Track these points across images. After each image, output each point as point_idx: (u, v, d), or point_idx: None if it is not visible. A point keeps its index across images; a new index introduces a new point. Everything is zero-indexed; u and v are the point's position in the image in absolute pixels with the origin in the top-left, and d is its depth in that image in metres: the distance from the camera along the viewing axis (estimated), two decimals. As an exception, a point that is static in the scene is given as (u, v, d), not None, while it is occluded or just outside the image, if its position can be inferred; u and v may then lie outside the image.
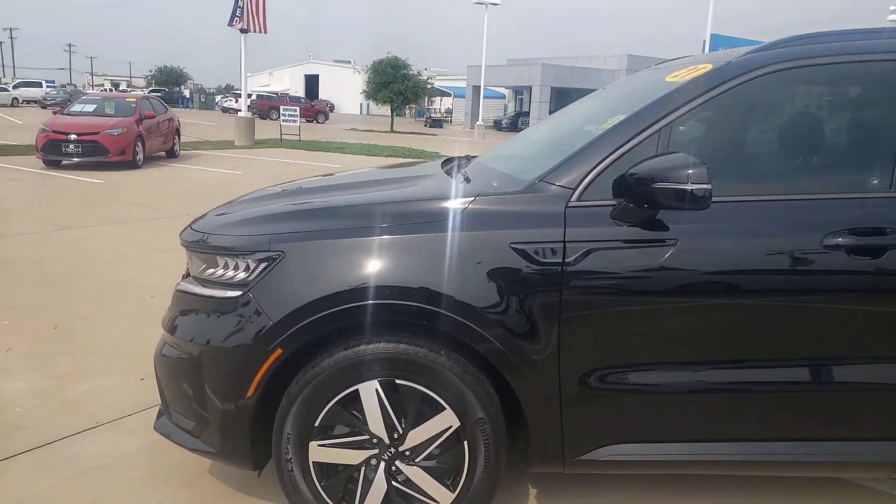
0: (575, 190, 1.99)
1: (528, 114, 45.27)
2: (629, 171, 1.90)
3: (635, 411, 2.04)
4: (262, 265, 2.02)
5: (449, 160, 3.08)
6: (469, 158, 3.08)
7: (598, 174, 1.99)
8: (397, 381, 1.99)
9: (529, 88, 46.36)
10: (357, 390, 1.99)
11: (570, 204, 1.98)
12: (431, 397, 1.99)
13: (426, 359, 1.96)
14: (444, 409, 1.99)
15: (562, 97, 48.48)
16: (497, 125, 46.46)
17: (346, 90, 70.03)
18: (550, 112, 43.79)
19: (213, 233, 2.20)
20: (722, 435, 2.07)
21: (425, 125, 45.33)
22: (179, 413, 2.24)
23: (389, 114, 38.27)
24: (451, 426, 2.01)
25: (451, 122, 57.07)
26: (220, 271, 2.11)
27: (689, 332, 1.99)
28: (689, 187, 1.77)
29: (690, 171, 1.77)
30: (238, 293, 2.03)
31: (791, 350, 2.00)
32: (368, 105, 59.17)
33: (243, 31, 19.56)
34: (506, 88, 55.99)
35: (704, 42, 47.00)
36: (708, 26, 30.97)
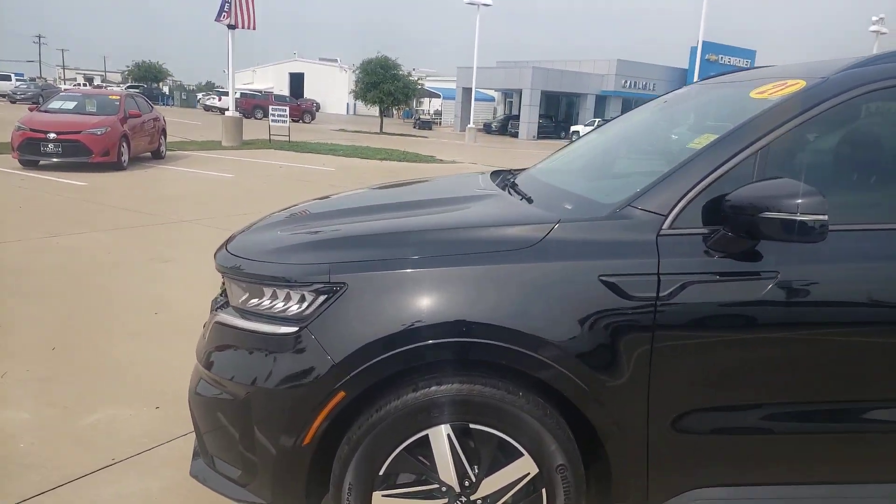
0: (667, 217, 1.85)
1: (517, 117, 45.33)
2: (729, 197, 1.77)
3: (728, 454, 1.91)
4: (322, 297, 1.85)
5: (496, 173, 2.94)
6: (514, 172, 2.94)
7: (692, 199, 1.85)
8: (471, 426, 1.83)
9: (519, 91, 46.42)
10: (427, 435, 1.84)
11: (662, 232, 1.84)
12: (508, 442, 1.84)
13: (503, 401, 1.81)
14: (522, 454, 1.85)
15: (551, 101, 48.70)
16: (487, 128, 46.48)
17: (332, 89, 69.75)
18: (540, 116, 43.92)
19: (259, 259, 2.03)
20: (818, 478, 1.94)
21: (414, 127, 45.21)
22: (221, 458, 2.07)
23: (377, 114, 38.12)
24: (528, 473, 1.86)
25: (440, 123, 57.00)
26: (268, 302, 1.94)
27: (790, 372, 1.86)
28: (801, 218, 1.63)
29: (801, 201, 1.64)
30: (293, 329, 1.86)
31: (883, 389, 1.88)
32: (355, 105, 58.97)
33: (231, 27, 19.27)
34: (495, 91, 56.05)
35: (695, 49, 47.52)
36: (700, 33, 31.23)
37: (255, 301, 1.97)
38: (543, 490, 1.87)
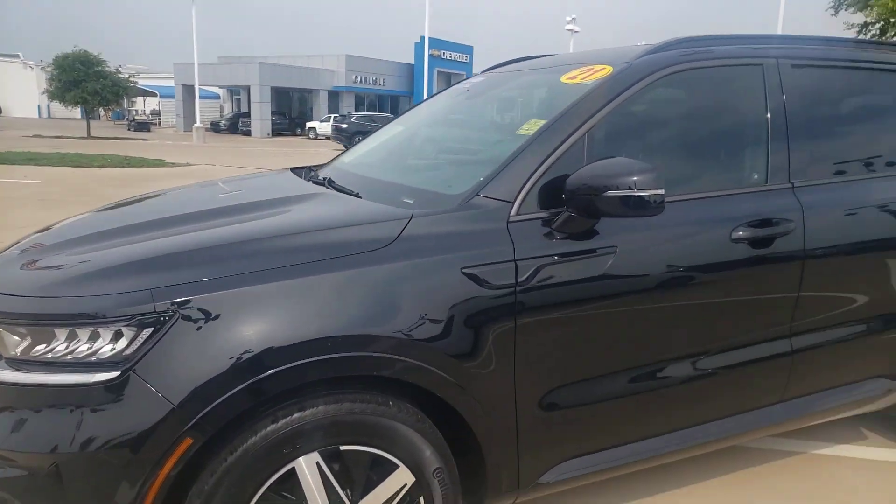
0: (514, 203, 1.88)
1: (248, 114, 43.60)
2: (570, 180, 1.85)
3: (587, 423, 2.03)
4: (146, 331, 1.53)
5: (296, 170, 2.74)
6: (315, 168, 2.78)
7: (534, 184, 1.91)
8: (341, 448, 1.68)
9: (247, 88, 44.63)
10: (293, 468, 1.64)
11: (511, 219, 1.87)
12: (382, 457, 1.72)
13: (375, 414, 1.69)
14: (397, 466, 1.74)
15: (283, 97, 47.76)
16: (215, 127, 43.93)
17: (15, 90, 59.93)
18: (273, 112, 42.83)
19: (45, 294, 1.62)
20: (660, 430, 2.16)
21: (129, 129, 40.85)
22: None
23: (79, 117, 33.70)
24: (405, 484, 1.76)
25: (159, 124, 52.40)
26: (63, 347, 1.55)
27: (637, 337, 2.03)
28: (639, 194, 1.78)
29: (638, 178, 1.78)
30: (112, 374, 1.51)
31: (716, 338, 2.17)
32: (49, 107, 51.51)
33: None
34: (219, 88, 53.20)
35: (420, 44, 50.31)
36: (426, 28, 33.12)
37: (41, 348, 1.57)
38: (421, 498, 1.79)
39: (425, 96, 42.09)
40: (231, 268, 1.64)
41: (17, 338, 1.59)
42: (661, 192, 1.79)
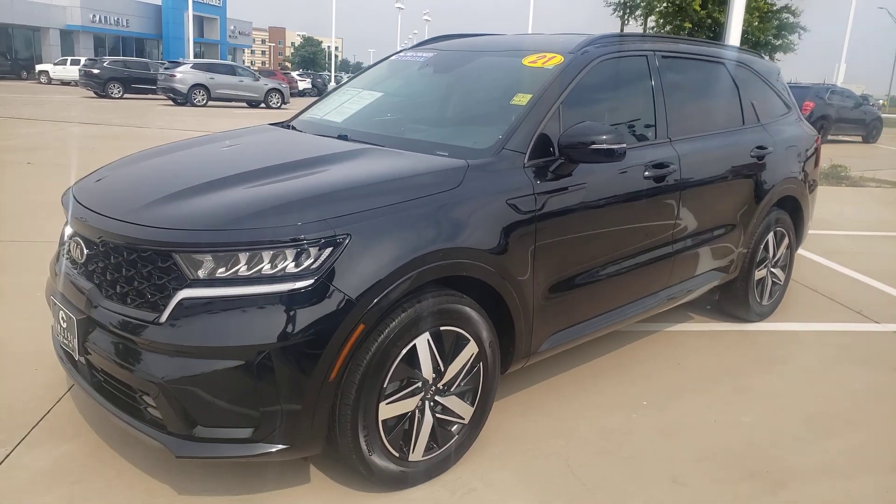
0: (526, 153, 2.76)
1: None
2: (563, 137, 2.78)
3: (571, 303, 3.00)
4: (327, 249, 2.16)
5: (283, 125, 3.38)
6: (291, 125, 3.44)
7: (535, 139, 2.79)
8: (441, 329, 2.46)
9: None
10: (415, 345, 2.38)
11: (526, 164, 2.75)
12: (461, 334, 2.53)
13: (458, 303, 2.49)
14: (469, 340, 2.56)
15: (2, 35, 41.33)
16: None
17: None
18: None
19: (247, 226, 2.15)
20: (616, 304, 3.24)
21: None
22: (219, 426, 2.15)
23: None
24: (473, 353, 2.59)
25: None
26: (269, 266, 2.12)
27: (600, 240, 3.05)
28: (612, 146, 2.76)
29: (607, 136, 2.76)
30: (309, 282, 2.12)
31: (654, 238, 3.31)
32: None
33: None
34: None
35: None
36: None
37: (251, 265, 2.12)
38: (481, 363, 2.63)
39: (189, 39, 39.26)
40: (367, 203, 2.31)
41: (217, 261, 2.11)
42: (624, 145, 2.79)
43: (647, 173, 3.23)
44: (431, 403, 2.49)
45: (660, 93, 3.45)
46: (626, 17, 14.19)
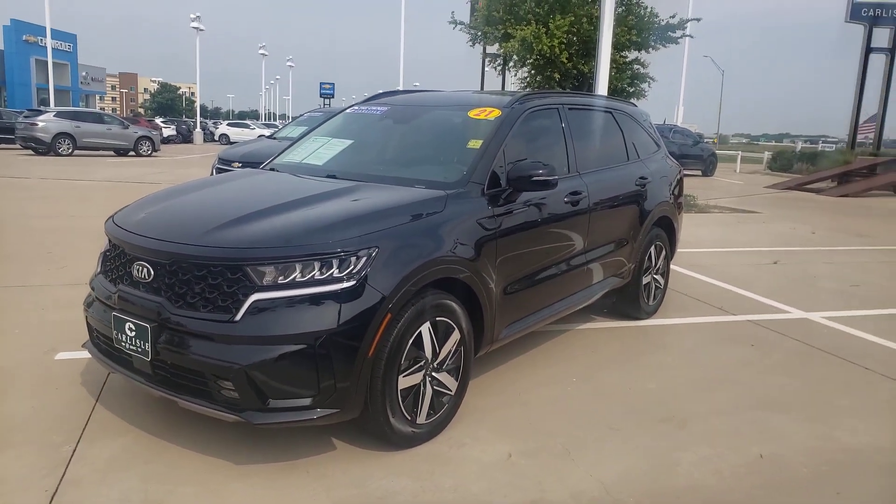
0: (485, 184, 3.62)
1: None
2: (511, 171, 3.67)
3: (519, 300, 3.85)
4: (364, 259, 2.88)
5: (268, 171, 4.03)
6: (275, 167, 4.10)
7: (489, 173, 3.66)
8: (436, 319, 3.22)
9: None
10: (420, 331, 3.13)
11: (485, 192, 3.60)
12: (450, 324, 3.30)
13: (447, 299, 3.27)
14: (454, 329, 3.34)
15: None
16: None
17: None
18: None
19: (304, 242, 2.84)
20: (550, 301, 4.12)
21: None
22: (283, 398, 2.77)
23: None
24: (457, 339, 3.37)
25: None
26: (319, 272, 2.80)
27: (538, 252, 3.94)
28: (548, 178, 3.67)
29: (543, 170, 3.67)
30: (352, 282, 2.83)
31: (573, 250, 4.23)
32: None
33: None
34: None
35: (8, 28, 44.14)
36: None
37: (305, 273, 2.80)
38: (462, 347, 3.41)
39: (33, 85, 36.87)
40: (386, 223, 3.06)
41: (280, 270, 2.77)
42: (557, 177, 3.73)
43: (566, 199, 4.19)
44: (430, 378, 3.23)
45: (569, 136, 4.46)
46: (503, 69, 15.70)
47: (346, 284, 2.83)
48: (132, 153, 26.02)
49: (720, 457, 3.24)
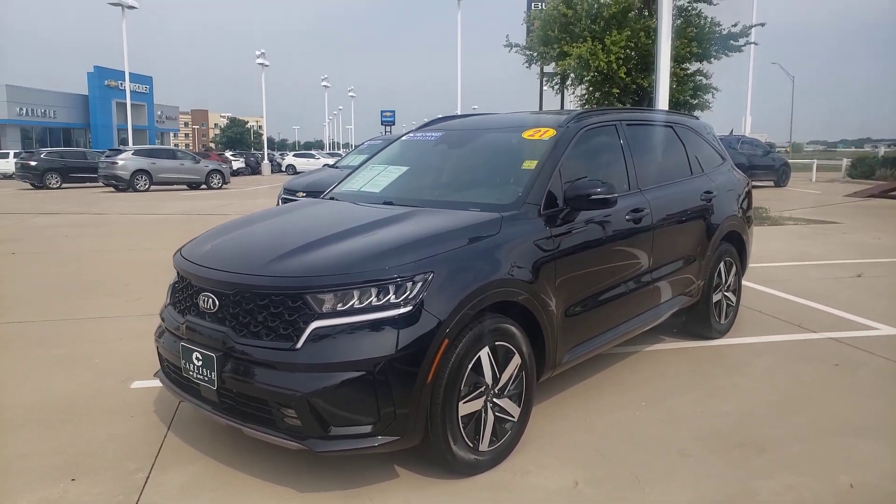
0: (541, 205, 3.57)
1: None
2: (568, 191, 3.62)
3: (582, 323, 3.77)
4: (419, 284, 2.88)
5: (331, 200, 4.10)
6: (335, 197, 4.17)
7: (545, 194, 3.62)
8: (496, 343, 3.18)
9: None
10: (479, 356, 3.09)
11: (542, 213, 3.56)
12: (509, 348, 3.25)
13: (506, 323, 3.23)
14: (514, 353, 3.28)
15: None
16: None
17: None
18: None
19: (362, 269, 2.87)
20: (614, 323, 4.02)
21: None
22: (345, 425, 2.78)
23: None
24: (518, 363, 3.31)
25: None
26: (376, 298, 2.82)
27: (600, 271, 3.85)
28: (607, 196, 3.60)
29: (602, 189, 3.60)
30: (409, 308, 2.83)
31: (637, 269, 4.13)
32: None
33: None
34: None
35: (92, 74, 46.82)
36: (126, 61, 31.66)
37: (362, 299, 2.81)
38: (524, 372, 3.35)
39: (114, 126, 39.11)
40: (440, 248, 3.06)
41: (338, 297, 2.79)
42: (616, 195, 3.65)
43: (627, 217, 4.09)
44: (491, 404, 3.18)
45: (628, 152, 4.37)
46: (560, 88, 15.64)
47: (402, 310, 2.83)
48: (204, 186, 27.10)
49: (804, 486, 3.05)
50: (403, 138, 4.84)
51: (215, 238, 3.58)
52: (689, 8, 13.58)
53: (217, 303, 3.03)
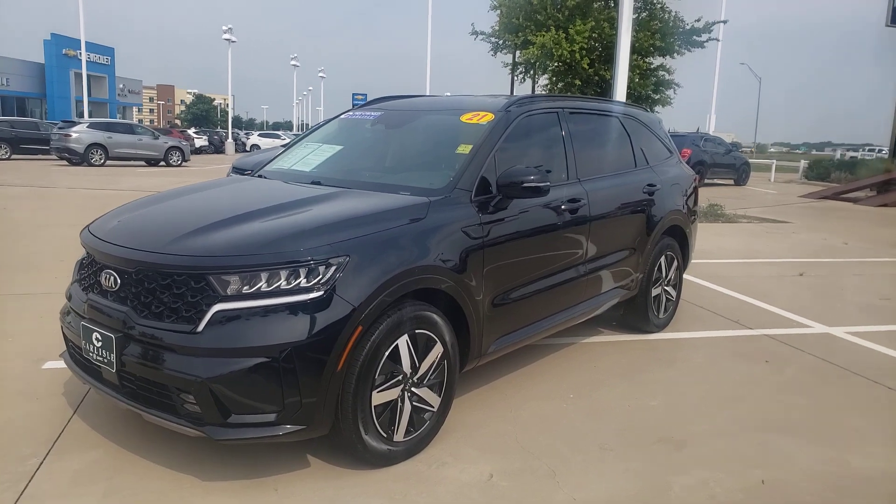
0: (472, 191, 3.48)
1: None
2: (500, 177, 3.53)
3: (508, 313, 3.70)
4: (333, 268, 2.77)
5: (262, 178, 3.93)
6: (263, 174, 4.02)
7: (478, 180, 3.53)
8: (416, 331, 3.09)
9: None
10: (397, 344, 3.00)
11: (473, 200, 3.47)
12: (431, 336, 3.17)
13: (428, 311, 3.14)
14: (437, 342, 3.20)
15: None
16: None
17: None
18: None
19: (270, 250, 2.73)
20: (545, 314, 3.96)
21: None
22: (247, 413, 2.66)
23: None
24: (440, 352, 3.23)
25: None
26: (286, 282, 2.69)
27: (532, 261, 3.78)
28: (539, 185, 3.52)
29: (535, 177, 3.53)
30: (320, 293, 2.71)
31: (571, 260, 4.06)
32: None
33: None
34: None
35: (49, 42, 45.51)
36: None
37: (271, 282, 2.69)
38: (445, 361, 3.27)
39: (72, 97, 37.94)
40: (360, 231, 2.94)
41: (244, 279, 2.67)
42: (548, 183, 3.58)
43: (563, 207, 4.03)
44: (409, 393, 3.10)
45: (569, 141, 4.30)
46: (525, 76, 15.58)
47: (313, 295, 2.72)
48: (163, 163, 26.47)
49: (717, 481, 3.04)
50: (342, 116, 4.70)
51: (125, 214, 3.42)
52: (654, 1, 13.60)
53: (118, 281, 2.88)
